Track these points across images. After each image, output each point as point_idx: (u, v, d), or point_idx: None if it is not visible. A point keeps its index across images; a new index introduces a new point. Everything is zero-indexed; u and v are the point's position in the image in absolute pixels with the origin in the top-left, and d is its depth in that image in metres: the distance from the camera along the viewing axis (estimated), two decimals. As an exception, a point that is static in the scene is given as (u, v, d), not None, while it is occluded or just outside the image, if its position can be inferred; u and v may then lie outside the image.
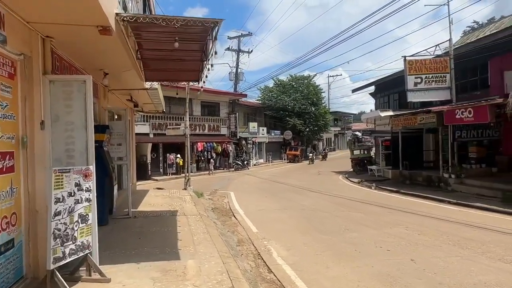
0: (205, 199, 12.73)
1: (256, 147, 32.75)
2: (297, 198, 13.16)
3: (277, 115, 35.43)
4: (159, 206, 9.91)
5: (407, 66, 15.29)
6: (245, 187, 16.90)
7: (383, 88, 23.88)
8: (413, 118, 16.33)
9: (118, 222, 7.64)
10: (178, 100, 26.55)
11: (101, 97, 8.01)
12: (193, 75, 8.53)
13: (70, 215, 4.04)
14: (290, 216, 9.57)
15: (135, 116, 26.89)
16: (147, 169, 24.38)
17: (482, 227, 7.87)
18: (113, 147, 8.23)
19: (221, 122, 28.85)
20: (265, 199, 13.06)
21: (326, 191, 15.03)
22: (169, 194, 12.48)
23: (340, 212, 10.11)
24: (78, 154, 4.57)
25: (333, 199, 12.82)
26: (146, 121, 24.44)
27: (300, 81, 37.00)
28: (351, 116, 52.75)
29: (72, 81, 4.59)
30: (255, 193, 14.85)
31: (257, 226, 8.28)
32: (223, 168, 28.45)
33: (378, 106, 24.92)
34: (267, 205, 11.47)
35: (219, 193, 14.77)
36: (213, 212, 10.23)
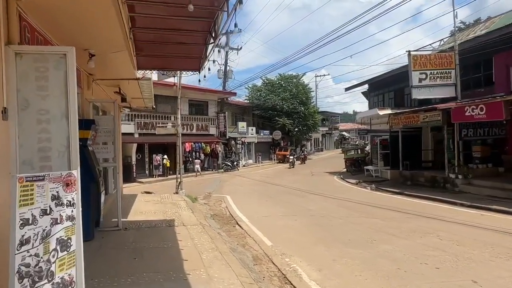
0: (200, 204, 11.48)
1: (245, 148, 31.58)
2: (299, 201, 12.09)
3: (266, 114, 34.38)
4: (152, 214, 8.61)
5: (412, 61, 14.49)
6: (240, 190, 15.71)
7: (377, 86, 23.18)
8: (415, 117, 15.55)
9: (107, 236, 6.34)
10: (165, 98, 25.14)
11: (85, 87, 6.69)
12: (193, 63, 7.32)
13: (45, 242, 2.78)
14: (301, 223, 8.47)
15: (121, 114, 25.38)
16: (132, 171, 22.83)
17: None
18: (98, 147, 6.92)
19: (210, 122, 27.52)
20: (266, 203, 11.93)
21: (327, 193, 14.04)
22: (160, 199, 11.17)
23: (354, 218, 9.08)
24: (57, 154, 3.32)
25: (338, 202, 11.82)
26: (131, 120, 22.90)
27: (289, 80, 36.08)
28: (338, 116, 52.23)
29: (47, 55, 3.32)
30: (252, 196, 13.69)
31: (269, 237, 7.13)
32: (212, 169, 27.12)
33: (372, 105, 24.19)
34: (270, 211, 10.34)
35: (214, 197, 13.53)
36: (214, 220, 9.02)
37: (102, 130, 6.85)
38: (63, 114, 3.30)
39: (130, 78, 7.40)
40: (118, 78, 7.40)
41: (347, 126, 59.64)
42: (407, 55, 14.72)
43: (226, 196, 13.48)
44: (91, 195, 5.96)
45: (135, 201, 10.68)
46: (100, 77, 7.27)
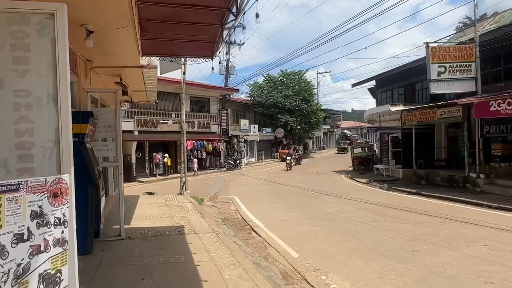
0: (208, 206, 10.55)
1: (247, 146, 30.64)
2: (314, 203, 11.19)
3: (268, 112, 33.43)
4: (158, 219, 7.68)
5: (430, 54, 13.59)
6: (247, 190, 14.78)
7: (386, 82, 22.28)
8: (431, 113, 14.69)
9: (108, 248, 5.40)
10: (166, 94, 24.14)
11: (82, 75, 5.74)
12: (205, 48, 6.37)
13: (20, 283, 1.86)
14: (324, 229, 7.56)
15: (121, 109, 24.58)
16: (131, 170, 21.88)
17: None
18: (97, 144, 5.98)
19: (212, 119, 26.55)
20: (278, 205, 11.01)
21: (340, 193, 13.17)
22: (165, 201, 10.23)
23: (380, 222, 8.18)
24: (42, 152, 2.37)
25: (355, 204, 10.92)
26: (131, 117, 21.90)
27: (291, 76, 35.13)
28: (340, 114, 51.30)
29: (28, 14, 2.37)
30: (261, 197, 12.77)
31: (293, 246, 6.23)
32: (214, 168, 26.19)
33: (380, 101, 23.31)
34: (286, 214, 9.42)
35: (221, 198, 12.60)
36: (226, 225, 8.09)
37: (101, 125, 5.90)
38: (50, 97, 2.35)
39: (134, 66, 6.46)
40: (120, 65, 6.46)
41: (348, 124, 58.75)
42: (424, 47, 13.80)
43: (234, 197, 12.56)
44: (90, 202, 5.02)
45: (137, 204, 9.74)
46: (99, 64, 6.32)
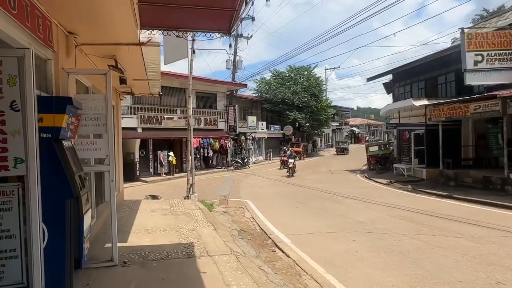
0: (219, 213, 9.13)
1: (255, 144, 29.19)
2: (338, 209, 9.75)
3: (276, 108, 31.94)
4: (162, 233, 6.27)
5: (466, 41, 12.03)
6: (260, 193, 13.36)
7: (404, 76, 20.72)
8: (463, 107, 13.15)
9: (96, 280, 4.00)
10: (170, 90, 22.77)
11: (61, 51, 4.32)
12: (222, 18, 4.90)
13: None
14: (366, 247, 6.09)
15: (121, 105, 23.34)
16: (135, 169, 20.56)
17: None
18: (82, 142, 4.56)
19: (219, 115, 25.15)
20: (299, 212, 9.59)
21: (363, 196, 11.73)
22: (170, 207, 8.82)
23: (429, 236, 6.72)
24: None
25: (386, 210, 9.46)
26: (134, 114, 20.57)
27: (299, 72, 33.57)
28: (348, 111, 49.59)
29: None
30: (277, 201, 11.34)
31: (336, 273, 4.79)
32: (221, 166, 24.80)
33: (398, 97, 21.76)
34: (311, 223, 7.99)
35: (232, 202, 11.20)
36: (243, 239, 6.67)
37: (89, 118, 4.49)
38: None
39: (131, 43, 5.03)
40: (113, 42, 5.03)
41: (356, 121, 57.03)
42: (459, 33, 12.26)
43: (247, 201, 11.14)
44: (67, 219, 3.61)
45: (138, 210, 8.34)
46: (87, 40, 4.90)
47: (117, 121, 9.65)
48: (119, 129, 9.78)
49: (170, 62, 11.13)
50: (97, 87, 6.63)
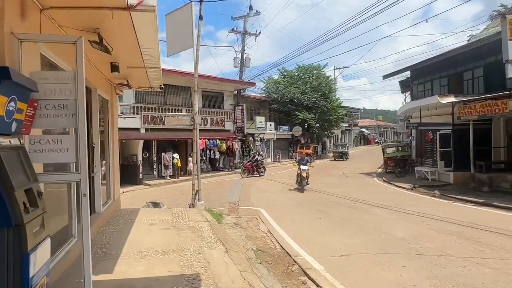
0: (229, 225, 7.72)
1: (263, 145, 27.77)
2: (368, 219, 8.30)
3: (284, 109, 30.51)
4: (159, 257, 4.87)
5: (508, 27, 10.52)
6: (272, 199, 11.93)
7: (424, 72, 19.18)
8: (501, 104, 11.64)
9: None
10: (175, 88, 21.47)
11: (9, 7, 2.96)
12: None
13: None
14: (425, 278, 4.61)
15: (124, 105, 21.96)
16: (138, 172, 19.24)
17: None
18: (45, 140, 3.18)
19: (226, 116, 23.77)
20: (322, 223, 8.14)
21: (389, 204, 10.30)
22: (172, 219, 7.42)
23: (499, 261, 5.25)
24: None
25: (426, 222, 7.98)
26: (137, 113, 19.27)
27: (309, 71, 32.12)
28: (358, 112, 47.93)
29: None
30: (294, 210, 9.90)
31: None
32: (228, 169, 23.41)
33: (416, 95, 20.24)
34: (341, 240, 6.55)
35: (243, 210, 9.79)
36: (262, 263, 5.25)
37: (51, 105, 3.13)
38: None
39: (116, 7, 3.65)
40: (92, 5, 3.66)
41: (365, 122, 55.31)
42: (500, 20, 10.74)
43: (259, 210, 9.73)
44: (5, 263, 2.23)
45: (134, 223, 6.96)
46: (55, 2, 3.53)
47: (112, 118, 8.31)
48: (114, 127, 8.43)
49: (173, 53, 9.74)
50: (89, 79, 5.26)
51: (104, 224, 6.83)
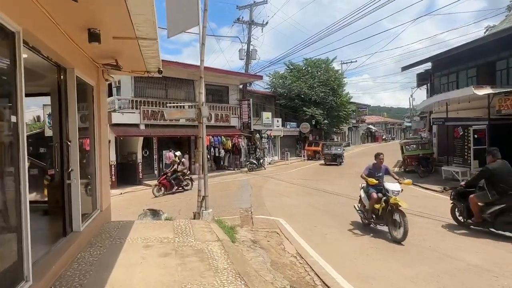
0: (246, 245, 6.00)
1: (270, 142, 26.04)
2: (419, 237, 6.56)
3: (291, 104, 28.75)
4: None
5: None
6: (290, 205, 10.22)
7: (448, 63, 17.36)
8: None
9: None
10: (177, 81, 19.72)
11: None
12: None
13: None
14: None
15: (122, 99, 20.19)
16: (137, 171, 17.58)
17: None
18: None
19: (231, 111, 22.02)
20: (364, 242, 6.40)
21: (428, 211, 8.64)
22: (173, 237, 5.70)
23: None
24: None
25: (495, 240, 6.25)
26: (136, 108, 17.58)
27: (316, 65, 30.29)
28: (366, 108, 45.96)
29: None
30: (320, 220, 8.16)
31: None
32: (233, 168, 21.70)
33: (438, 88, 18.43)
34: (400, 270, 4.82)
35: (258, 220, 8.09)
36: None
37: None
38: None
39: None
40: None
41: (372, 119, 53.39)
42: None
43: (279, 221, 8.00)
44: None
45: (123, 246, 5.24)
46: None
47: (99, 109, 6.58)
48: (102, 121, 6.71)
49: (175, 33, 7.95)
50: (34, 33, 3.52)
51: (84, 246, 5.12)
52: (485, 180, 6.52)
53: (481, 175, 6.68)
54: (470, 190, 6.87)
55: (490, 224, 6.39)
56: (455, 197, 7.25)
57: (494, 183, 6.31)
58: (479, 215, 6.47)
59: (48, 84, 5.83)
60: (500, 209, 6.13)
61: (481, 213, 6.44)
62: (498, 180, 6.29)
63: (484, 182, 6.55)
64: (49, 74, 5.16)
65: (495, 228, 6.34)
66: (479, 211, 6.47)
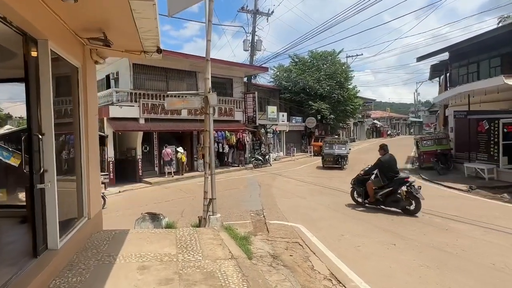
0: (266, 262, 4.83)
1: (275, 138, 24.85)
2: (470, 249, 5.40)
3: (296, 98, 27.51)
4: None
5: None
6: (307, 207, 9.05)
7: (467, 53, 16.10)
8: None
9: None
10: (178, 73, 18.49)
11: None
12: None
13: None
14: None
15: (120, 91, 18.70)
16: (137, 168, 16.46)
17: None
18: None
19: (235, 104, 20.80)
20: (407, 257, 5.22)
21: (464, 215, 7.48)
22: (176, 254, 4.52)
23: None
24: None
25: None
26: (135, 101, 16.39)
27: (323, 57, 28.98)
28: (371, 102, 44.56)
29: None
30: (350, 228, 6.98)
31: None
32: (237, 164, 20.54)
33: (456, 79, 17.18)
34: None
35: (274, 227, 6.92)
36: None
37: None
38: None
39: None
40: None
41: (377, 114, 52.03)
42: None
43: (299, 228, 6.82)
44: None
45: (113, 268, 4.08)
46: None
47: (86, 96, 5.37)
48: (90, 111, 5.51)
49: (178, 10, 6.71)
50: None
51: (62, 269, 3.95)
52: (378, 169, 8.24)
53: (376, 165, 8.30)
54: (366, 178, 8.53)
55: (381, 202, 8.20)
56: (356, 183, 8.87)
57: (384, 171, 8.09)
58: (373, 196, 8.24)
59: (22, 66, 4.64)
60: (389, 191, 7.95)
61: (375, 194, 8.19)
62: (387, 169, 8.08)
63: (377, 171, 8.29)
64: (21, 51, 3.96)
65: (384, 205, 8.19)
66: (373, 193, 8.22)
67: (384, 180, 8.00)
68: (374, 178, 8.35)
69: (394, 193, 7.88)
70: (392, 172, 8.01)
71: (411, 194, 7.68)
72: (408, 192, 7.71)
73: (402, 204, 7.78)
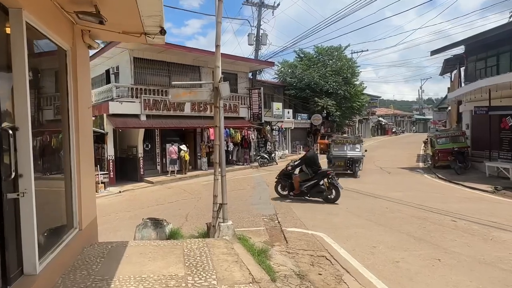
0: (290, 284, 3.97)
1: (280, 135, 23.97)
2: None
3: (302, 94, 26.60)
4: None
5: None
6: (326, 211, 8.17)
7: (486, 46, 15.15)
8: None
9: None
10: (181, 68, 17.59)
11: None
12: None
13: None
14: None
15: (120, 86, 17.88)
16: (138, 167, 15.64)
17: None
18: None
19: (240, 101, 19.90)
20: (459, 278, 4.36)
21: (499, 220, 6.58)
22: (185, 276, 3.66)
23: None
24: None
25: None
26: (136, 97, 15.51)
27: (328, 52, 28.03)
28: (376, 99, 43.48)
29: None
30: (380, 237, 6.10)
31: None
32: (242, 163, 19.68)
33: (472, 74, 16.25)
34: None
35: (291, 235, 6.06)
36: None
37: None
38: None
39: None
40: None
41: (381, 111, 51.08)
42: None
43: (322, 237, 5.95)
44: None
45: (108, 294, 3.22)
46: None
47: (76, 85, 4.49)
48: (81, 102, 4.63)
49: None
50: None
51: None
52: (305, 164, 9.12)
53: (302, 161, 9.26)
54: (291, 172, 9.36)
55: (306, 194, 9.11)
56: (281, 177, 9.64)
57: (310, 166, 9.03)
58: (299, 188, 9.08)
59: None
60: (314, 183, 8.91)
61: (300, 187, 9.04)
62: (311, 163, 9.06)
63: (303, 166, 9.16)
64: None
65: (309, 196, 9.11)
66: (299, 186, 9.06)
67: (310, 173, 8.94)
68: (299, 173, 9.30)
69: (318, 184, 8.88)
70: (316, 166, 9.02)
71: (332, 184, 8.78)
72: (330, 183, 8.82)
73: (325, 194, 8.81)
